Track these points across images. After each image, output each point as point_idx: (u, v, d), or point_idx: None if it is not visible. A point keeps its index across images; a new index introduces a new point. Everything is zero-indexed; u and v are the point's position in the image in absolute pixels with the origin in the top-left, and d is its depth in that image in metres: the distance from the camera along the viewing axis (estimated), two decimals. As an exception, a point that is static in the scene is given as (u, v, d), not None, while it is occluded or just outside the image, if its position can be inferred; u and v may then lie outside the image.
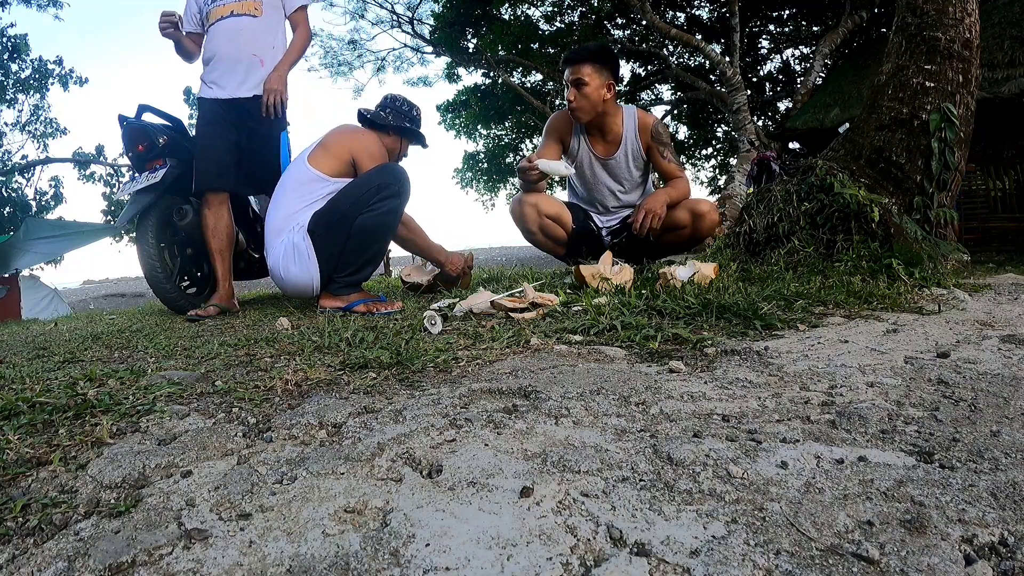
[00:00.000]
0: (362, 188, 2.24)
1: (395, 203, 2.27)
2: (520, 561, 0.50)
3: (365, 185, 2.24)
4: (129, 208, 2.62)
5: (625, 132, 2.79)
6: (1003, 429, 0.79)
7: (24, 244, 9.98)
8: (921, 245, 2.53)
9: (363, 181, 2.27)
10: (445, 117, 16.84)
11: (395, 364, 1.24)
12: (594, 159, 2.86)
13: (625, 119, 2.80)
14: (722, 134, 16.52)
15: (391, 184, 2.24)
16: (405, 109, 2.58)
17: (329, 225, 2.23)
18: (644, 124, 2.80)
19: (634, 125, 2.79)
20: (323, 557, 0.52)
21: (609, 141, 2.82)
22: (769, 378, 1.08)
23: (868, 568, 0.48)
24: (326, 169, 2.31)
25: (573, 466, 0.69)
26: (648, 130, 2.78)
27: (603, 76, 2.66)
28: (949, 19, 2.75)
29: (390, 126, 2.53)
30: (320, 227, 2.24)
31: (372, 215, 2.22)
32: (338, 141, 2.38)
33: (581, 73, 2.63)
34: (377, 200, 2.22)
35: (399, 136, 2.58)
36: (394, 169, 2.31)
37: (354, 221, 2.21)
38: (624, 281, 2.13)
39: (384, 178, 2.25)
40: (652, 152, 2.80)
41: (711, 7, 13.79)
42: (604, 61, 2.69)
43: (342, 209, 2.22)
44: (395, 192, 2.25)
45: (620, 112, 2.81)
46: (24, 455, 0.74)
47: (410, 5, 14.49)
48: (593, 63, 2.65)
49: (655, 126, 2.80)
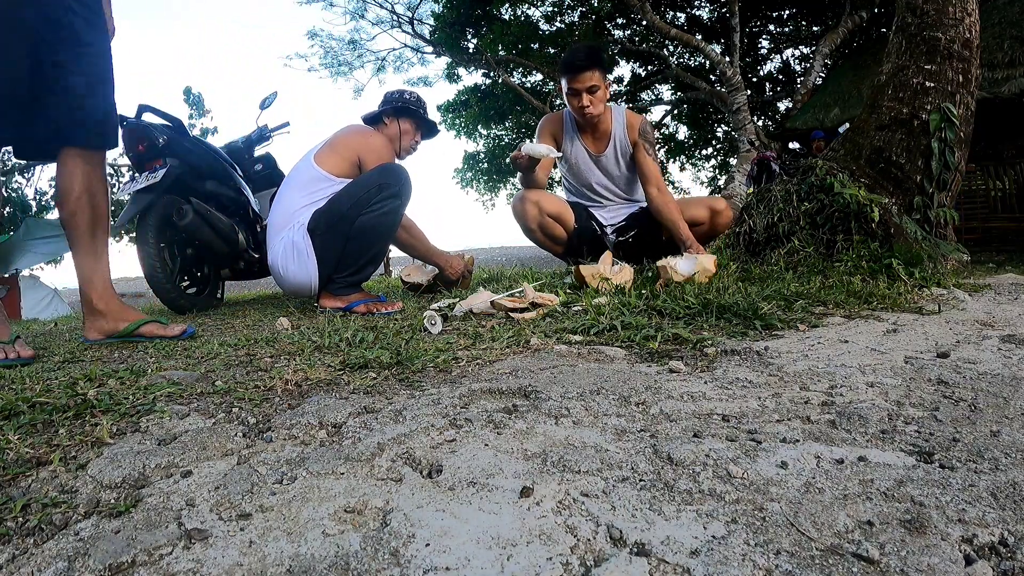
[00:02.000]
0: (363, 188, 2.23)
1: (395, 203, 2.26)
2: (520, 561, 0.50)
3: (366, 185, 2.24)
4: (129, 208, 2.61)
5: (614, 129, 2.89)
6: (1003, 429, 0.79)
7: (24, 244, 9.98)
8: (921, 245, 2.53)
9: (364, 181, 2.26)
10: (445, 117, 16.84)
11: (395, 364, 1.24)
12: (587, 156, 2.95)
13: (614, 116, 2.90)
14: (722, 134, 16.52)
15: (391, 184, 2.24)
16: (407, 96, 2.61)
17: (329, 225, 2.22)
18: (631, 123, 2.88)
19: (623, 122, 2.89)
20: (323, 557, 0.52)
21: (599, 139, 2.92)
22: (769, 378, 1.08)
23: (868, 568, 0.48)
24: (332, 169, 2.31)
25: (573, 466, 0.69)
26: (636, 128, 2.87)
27: (606, 78, 2.79)
28: (949, 19, 2.75)
29: (400, 108, 2.54)
30: (320, 226, 2.23)
31: (372, 215, 2.21)
32: (345, 141, 2.39)
33: (593, 80, 2.72)
34: (377, 200, 2.21)
35: (409, 120, 2.57)
36: (395, 169, 2.30)
37: (354, 221, 2.21)
38: (624, 281, 2.13)
39: (384, 178, 2.25)
40: (637, 149, 2.87)
41: (711, 7, 13.79)
42: (603, 63, 2.80)
43: (342, 209, 2.21)
44: (395, 192, 2.25)
45: (609, 110, 2.89)
46: (24, 455, 0.74)
47: (410, 5, 14.49)
48: (597, 67, 2.74)
49: (643, 125, 2.89)
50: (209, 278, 2.96)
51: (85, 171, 1.62)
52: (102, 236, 1.69)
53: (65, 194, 1.62)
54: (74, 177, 1.61)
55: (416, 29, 14.92)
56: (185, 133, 2.81)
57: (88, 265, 1.68)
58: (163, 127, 2.68)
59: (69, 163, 1.61)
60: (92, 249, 1.67)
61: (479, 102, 15.74)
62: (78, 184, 1.61)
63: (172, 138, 2.64)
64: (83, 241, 1.66)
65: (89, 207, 1.64)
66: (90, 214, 1.64)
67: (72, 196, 1.61)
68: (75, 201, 1.61)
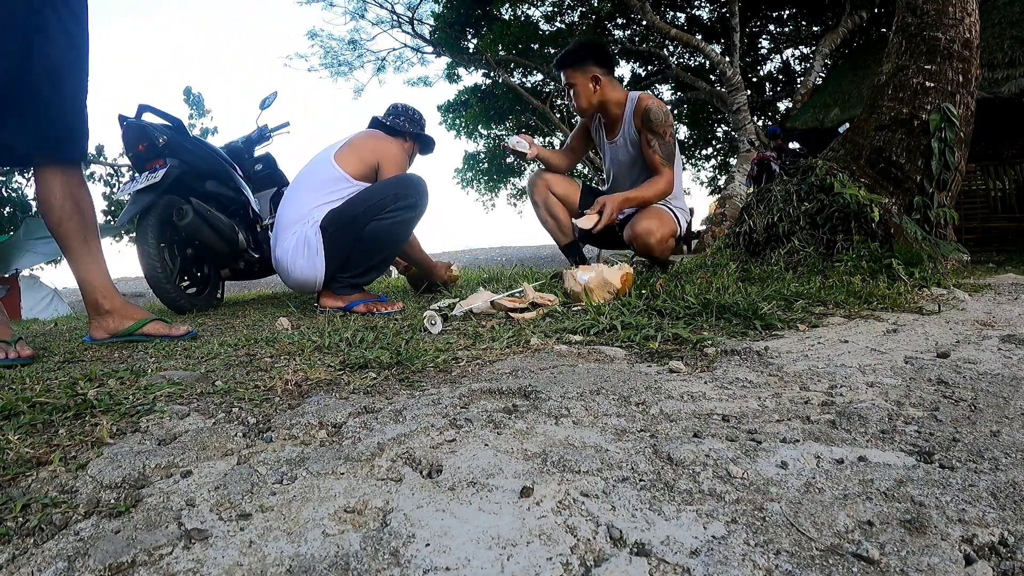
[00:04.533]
0: (379, 194, 2.25)
1: (410, 214, 2.29)
2: (520, 561, 0.50)
3: (383, 192, 2.26)
4: (129, 208, 2.61)
5: (625, 117, 2.83)
6: (1003, 429, 0.79)
7: (24, 244, 9.98)
8: (921, 245, 2.53)
9: (381, 188, 2.28)
10: (446, 117, 16.84)
11: (395, 364, 1.24)
12: (605, 143, 2.95)
13: (627, 104, 2.81)
14: (722, 134, 16.53)
15: (409, 195, 2.27)
16: (417, 117, 2.67)
17: (341, 225, 2.24)
18: (637, 109, 2.75)
19: (631, 109, 2.79)
20: (323, 557, 0.52)
21: (613, 126, 2.89)
22: (769, 378, 1.08)
23: (868, 568, 0.48)
24: (351, 170, 2.33)
25: (573, 466, 0.69)
26: (640, 114, 2.74)
27: (586, 73, 2.73)
28: (949, 19, 2.75)
29: (407, 132, 2.60)
30: (333, 225, 2.25)
31: (385, 223, 2.24)
32: (367, 145, 2.42)
33: (569, 78, 2.75)
34: (392, 209, 2.24)
35: (413, 142, 2.65)
36: (414, 180, 2.33)
37: (366, 226, 2.23)
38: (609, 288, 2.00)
39: (403, 188, 2.28)
40: (641, 137, 2.75)
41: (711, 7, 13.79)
42: (582, 59, 2.74)
43: (356, 212, 2.23)
44: (412, 204, 2.28)
45: (625, 97, 2.82)
46: (24, 455, 0.74)
47: (410, 5, 14.49)
48: (572, 66, 2.74)
49: (647, 111, 2.72)
50: (209, 278, 2.96)
51: (63, 180, 1.62)
52: (94, 238, 1.69)
53: (48, 206, 1.62)
54: (53, 187, 1.61)
55: (416, 29, 14.93)
56: (185, 133, 2.80)
57: (87, 268, 1.68)
58: (163, 127, 2.68)
59: (47, 175, 1.61)
60: (87, 252, 1.67)
61: (479, 102, 15.74)
62: (59, 193, 1.61)
63: (172, 138, 2.64)
64: (76, 246, 1.66)
65: (75, 213, 1.63)
66: (78, 220, 1.64)
67: (56, 206, 1.61)
68: (59, 210, 1.61)
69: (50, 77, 1.55)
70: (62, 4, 1.55)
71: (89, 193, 1.70)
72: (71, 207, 1.63)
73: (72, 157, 1.65)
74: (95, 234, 1.70)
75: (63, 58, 1.57)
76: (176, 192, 2.62)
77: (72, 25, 1.58)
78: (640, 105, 2.74)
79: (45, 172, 1.61)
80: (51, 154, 1.60)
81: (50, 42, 1.53)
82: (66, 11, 1.56)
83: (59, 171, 1.62)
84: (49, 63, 1.54)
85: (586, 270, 2.05)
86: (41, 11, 1.52)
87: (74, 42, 1.59)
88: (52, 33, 1.53)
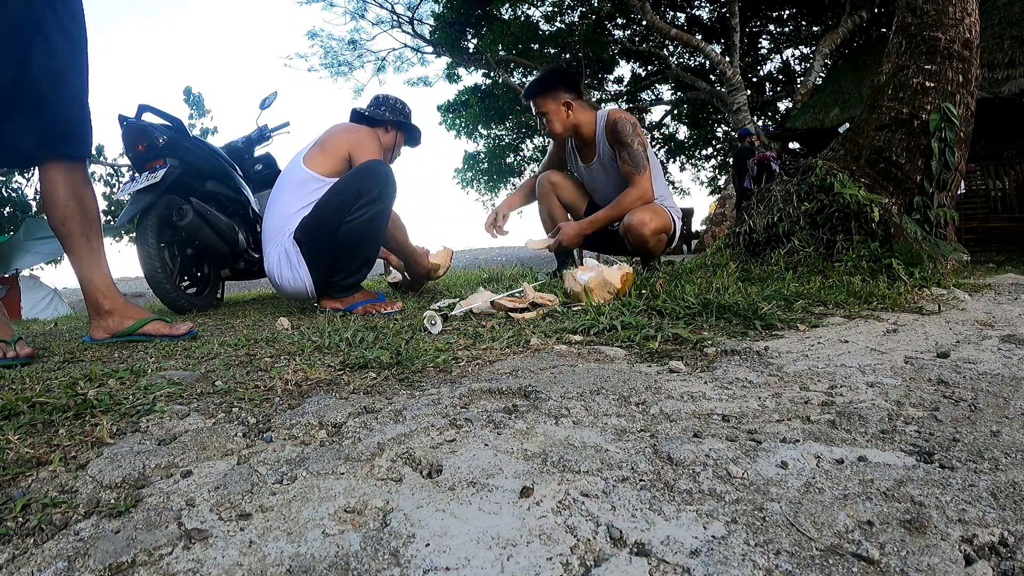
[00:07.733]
0: (342, 194, 2.18)
1: (377, 207, 2.20)
2: (520, 561, 0.50)
3: (345, 191, 2.18)
4: (129, 208, 2.61)
5: (597, 137, 2.83)
6: (1003, 429, 0.79)
7: (24, 244, 9.98)
8: (921, 245, 2.53)
9: (343, 187, 2.20)
10: (445, 117, 16.84)
11: (395, 364, 1.24)
12: (581, 168, 2.98)
13: (597, 123, 2.81)
14: (722, 134, 16.53)
15: (371, 188, 2.18)
16: (399, 106, 2.62)
17: (312, 234, 2.20)
18: (607, 127, 2.75)
19: (603, 128, 2.79)
20: (323, 557, 0.52)
21: (587, 149, 2.91)
22: (769, 378, 1.08)
23: (868, 568, 0.48)
24: (321, 169, 2.29)
25: (573, 466, 0.69)
26: (609, 131, 2.74)
27: (557, 99, 2.75)
28: (949, 19, 2.75)
29: (388, 121, 2.55)
30: (305, 235, 2.21)
31: (355, 223, 2.17)
32: (334, 140, 2.37)
33: (540, 107, 2.78)
34: (357, 207, 2.17)
35: (395, 131, 2.60)
36: (375, 171, 2.22)
37: (338, 229, 2.17)
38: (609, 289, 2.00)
39: (364, 182, 2.18)
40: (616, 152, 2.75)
41: (711, 7, 13.80)
42: (550, 86, 2.76)
43: (323, 217, 2.19)
44: (375, 197, 2.18)
45: (594, 117, 2.82)
46: (24, 455, 0.74)
47: (410, 5, 14.50)
48: (542, 95, 2.77)
49: (615, 124, 2.71)
50: (209, 278, 2.96)
51: (67, 178, 1.62)
52: (97, 237, 1.69)
53: (52, 203, 1.62)
54: (57, 185, 1.61)
55: (416, 29, 14.94)
56: (185, 133, 2.80)
57: (88, 267, 1.68)
58: (163, 127, 2.68)
59: (51, 173, 1.61)
60: (89, 251, 1.67)
61: (479, 102, 15.74)
62: (63, 191, 1.61)
63: (172, 138, 2.64)
64: (79, 245, 1.65)
65: (78, 211, 1.63)
66: (81, 218, 1.64)
67: (59, 204, 1.61)
68: (63, 208, 1.61)
69: (51, 77, 1.55)
70: (60, 5, 1.55)
71: (93, 191, 1.70)
72: (75, 205, 1.63)
73: (77, 154, 1.65)
74: (98, 233, 1.70)
75: (63, 58, 1.57)
76: (176, 192, 2.61)
77: (71, 25, 1.58)
78: (608, 120, 2.75)
79: (50, 170, 1.61)
80: (56, 151, 1.60)
81: (49, 43, 1.53)
82: (64, 12, 1.56)
83: (63, 168, 1.62)
84: (49, 63, 1.54)
85: (586, 270, 2.04)
86: (40, 13, 1.52)
87: (73, 42, 1.59)
88: (51, 34, 1.54)
